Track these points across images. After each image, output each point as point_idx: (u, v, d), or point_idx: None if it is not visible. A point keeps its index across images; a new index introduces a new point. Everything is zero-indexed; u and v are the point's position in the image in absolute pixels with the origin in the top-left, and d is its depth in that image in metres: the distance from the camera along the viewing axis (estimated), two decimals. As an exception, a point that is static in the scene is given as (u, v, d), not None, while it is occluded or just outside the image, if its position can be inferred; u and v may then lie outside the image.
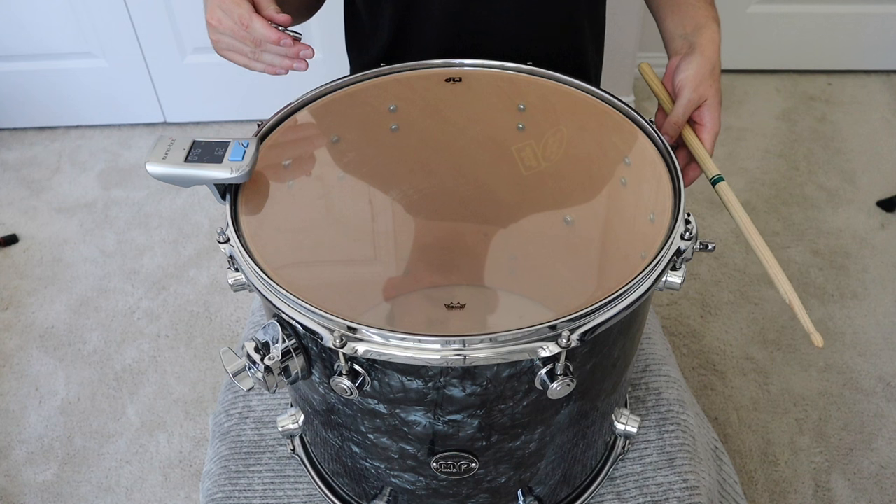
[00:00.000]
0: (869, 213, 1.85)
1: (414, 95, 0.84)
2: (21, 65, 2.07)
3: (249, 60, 0.77)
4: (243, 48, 0.75)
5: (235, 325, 1.67)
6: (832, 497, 1.34)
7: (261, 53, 0.75)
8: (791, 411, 1.46)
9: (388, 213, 0.72)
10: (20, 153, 2.14)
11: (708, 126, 0.79)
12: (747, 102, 2.19)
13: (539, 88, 0.84)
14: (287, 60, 0.75)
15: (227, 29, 0.74)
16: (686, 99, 0.78)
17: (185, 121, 2.20)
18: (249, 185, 0.72)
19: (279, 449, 0.90)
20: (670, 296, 1.66)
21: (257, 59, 0.76)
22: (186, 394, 1.54)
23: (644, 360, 0.96)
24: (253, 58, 0.76)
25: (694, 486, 0.84)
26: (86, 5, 1.93)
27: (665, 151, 0.74)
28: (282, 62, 0.75)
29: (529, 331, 0.58)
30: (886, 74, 2.26)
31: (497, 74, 0.86)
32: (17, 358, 1.62)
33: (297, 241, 0.69)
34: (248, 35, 0.74)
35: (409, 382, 0.61)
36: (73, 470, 1.43)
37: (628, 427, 0.81)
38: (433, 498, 0.75)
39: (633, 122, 0.78)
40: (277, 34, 0.73)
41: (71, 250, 1.85)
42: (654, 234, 0.66)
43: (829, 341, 1.58)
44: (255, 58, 0.76)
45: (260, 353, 0.63)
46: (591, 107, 0.81)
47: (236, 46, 0.76)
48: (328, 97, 0.83)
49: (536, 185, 0.74)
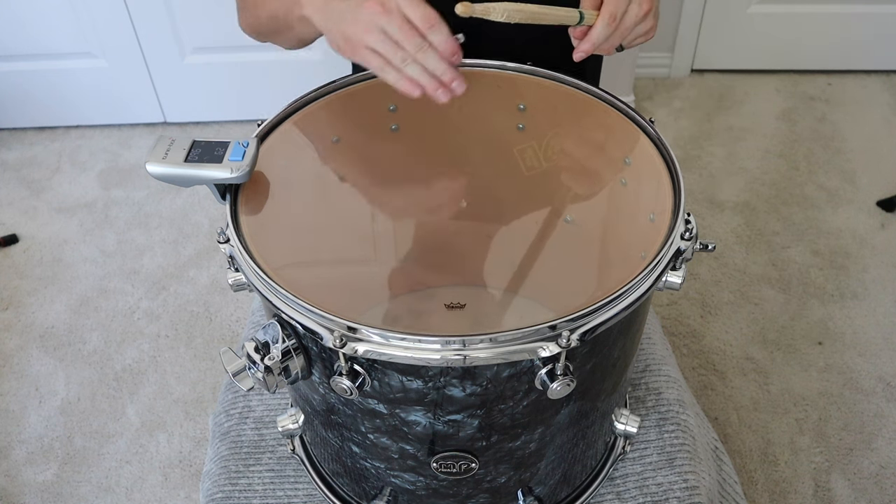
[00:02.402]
0: (869, 213, 1.85)
1: (414, 95, 0.84)
2: (21, 65, 2.07)
3: (392, 68, 0.68)
4: (396, 52, 0.67)
5: (235, 325, 1.67)
6: (832, 497, 1.34)
7: (412, 62, 0.67)
8: (791, 411, 1.46)
9: (388, 213, 0.72)
10: (20, 153, 2.14)
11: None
12: (747, 102, 2.19)
13: (539, 88, 0.84)
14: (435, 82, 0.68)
15: (396, 24, 0.66)
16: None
17: (185, 121, 2.20)
18: (249, 185, 0.72)
19: (279, 449, 0.90)
20: (670, 296, 1.66)
21: (406, 64, 0.67)
22: (186, 394, 1.54)
23: (644, 360, 0.96)
24: (402, 64, 0.68)
25: (694, 486, 0.84)
26: (86, 5, 1.93)
27: (665, 151, 0.74)
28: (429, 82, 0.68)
29: (529, 331, 0.58)
30: (886, 74, 2.26)
31: (497, 74, 0.86)
32: (17, 358, 1.62)
33: (297, 241, 0.69)
34: (421, 37, 0.66)
35: (409, 382, 0.61)
36: (73, 470, 1.43)
37: (628, 427, 0.81)
38: (433, 498, 0.75)
39: (633, 122, 0.78)
40: (455, 48, 0.67)
41: (71, 250, 1.85)
42: (654, 234, 0.66)
43: (829, 341, 1.58)
44: (405, 64, 0.68)
45: (260, 353, 0.63)
46: (591, 107, 0.81)
47: (389, 47, 0.67)
48: (328, 97, 0.83)
49: (536, 185, 0.74)
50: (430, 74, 0.68)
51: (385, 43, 0.67)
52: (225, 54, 2.02)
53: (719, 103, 2.19)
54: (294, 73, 2.02)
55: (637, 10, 0.74)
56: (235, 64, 2.05)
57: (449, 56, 0.67)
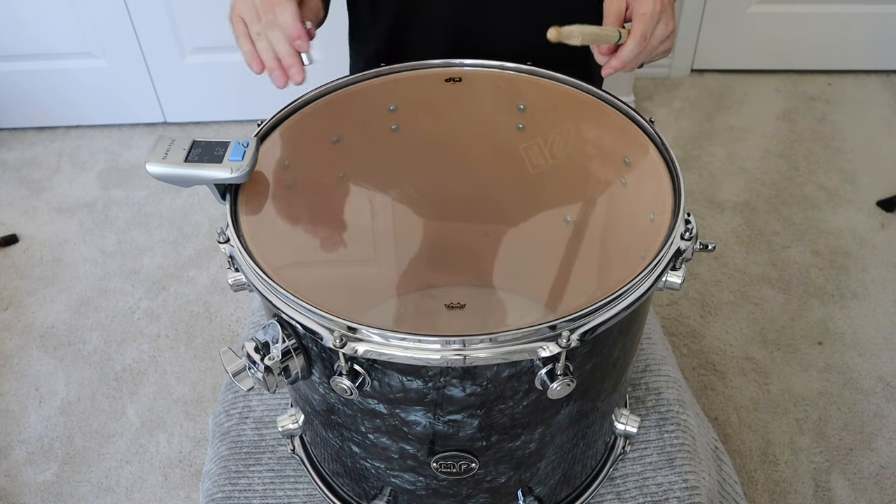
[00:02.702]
0: (869, 213, 1.85)
1: (414, 95, 0.84)
2: (21, 65, 2.07)
3: (248, 38, 0.73)
4: (255, 23, 0.72)
5: (235, 325, 1.67)
6: (832, 497, 1.34)
7: (263, 37, 0.72)
8: (791, 411, 1.46)
9: (388, 213, 0.72)
10: (20, 153, 2.14)
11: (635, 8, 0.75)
12: (747, 102, 2.19)
13: (539, 88, 0.84)
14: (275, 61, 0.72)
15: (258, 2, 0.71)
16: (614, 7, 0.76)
17: (185, 121, 2.20)
18: (249, 185, 0.72)
19: (279, 449, 0.90)
20: (670, 296, 1.66)
21: (259, 39, 0.72)
22: (186, 394, 1.54)
23: (644, 360, 0.96)
24: (256, 37, 0.73)
25: (694, 486, 0.84)
26: (86, 5, 1.93)
27: (665, 151, 0.74)
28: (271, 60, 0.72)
29: (529, 331, 0.58)
30: (886, 74, 2.26)
31: (497, 74, 0.86)
32: (17, 358, 1.62)
33: (297, 241, 0.69)
34: (272, 11, 0.71)
35: (409, 382, 0.61)
36: (73, 470, 1.43)
37: (628, 427, 0.81)
38: (433, 498, 0.75)
39: (633, 122, 0.78)
40: (299, 32, 0.71)
41: (71, 250, 1.85)
42: (654, 234, 0.66)
43: (829, 341, 1.58)
44: (258, 38, 0.72)
45: (260, 353, 0.63)
46: (591, 107, 0.81)
47: (251, 17, 0.72)
48: (328, 97, 0.83)
49: (536, 185, 0.74)
50: (274, 53, 0.72)
51: (249, 12, 0.73)
52: (225, 54, 2.02)
53: (719, 103, 2.19)
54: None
55: (664, 29, 0.76)
56: (235, 64, 2.04)
57: (291, 38, 0.71)
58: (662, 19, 0.76)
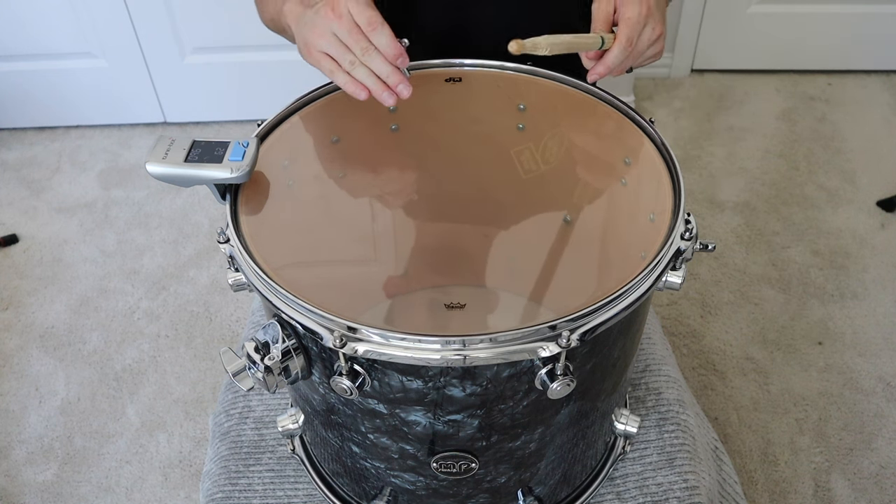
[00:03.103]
0: (869, 213, 1.85)
1: (414, 95, 0.84)
2: (21, 65, 2.07)
3: (342, 71, 0.72)
4: (345, 54, 0.71)
5: (235, 325, 1.67)
6: (832, 497, 1.34)
7: (360, 65, 0.71)
8: (791, 411, 1.46)
9: (388, 213, 0.72)
10: (20, 153, 2.14)
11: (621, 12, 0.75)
12: (747, 102, 2.19)
13: (539, 88, 0.84)
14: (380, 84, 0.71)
15: (345, 27, 0.70)
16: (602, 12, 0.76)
17: (185, 121, 2.20)
18: (249, 185, 0.72)
19: (279, 449, 0.90)
20: (670, 296, 1.66)
21: (355, 67, 0.71)
22: (186, 394, 1.54)
23: (644, 360, 0.96)
24: (350, 67, 0.71)
25: (694, 486, 0.84)
26: (86, 5, 1.93)
27: (665, 151, 0.74)
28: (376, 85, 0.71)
29: (529, 331, 0.58)
30: (886, 74, 2.26)
31: (497, 74, 0.86)
32: (17, 358, 1.62)
33: (297, 241, 0.69)
34: (366, 40, 0.69)
35: (409, 382, 0.61)
36: (73, 470, 1.43)
37: (628, 427, 0.81)
38: (433, 498, 0.75)
39: (633, 122, 0.78)
40: (399, 51, 0.70)
41: (71, 250, 1.85)
42: (654, 234, 0.66)
43: (829, 341, 1.58)
44: (353, 66, 0.71)
45: (260, 353, 0.63)
46: (591, 107, 0.81)
47: (339, 50, 0.71)
48: (328, 97, 0.83)
49: (536, 185, 0.74)
50: (375, 77, 0.72)
51: (335, 46, 0.71)
52: (225, 54, 2.02)
53: (719, 103, 2.19)
54: (294, 73, 2.02)
55: (650, 33, 0.76)
56: (235, 64, 2.05)
57: (393, 58, 0.71)
58: (649, 23, 0.75)
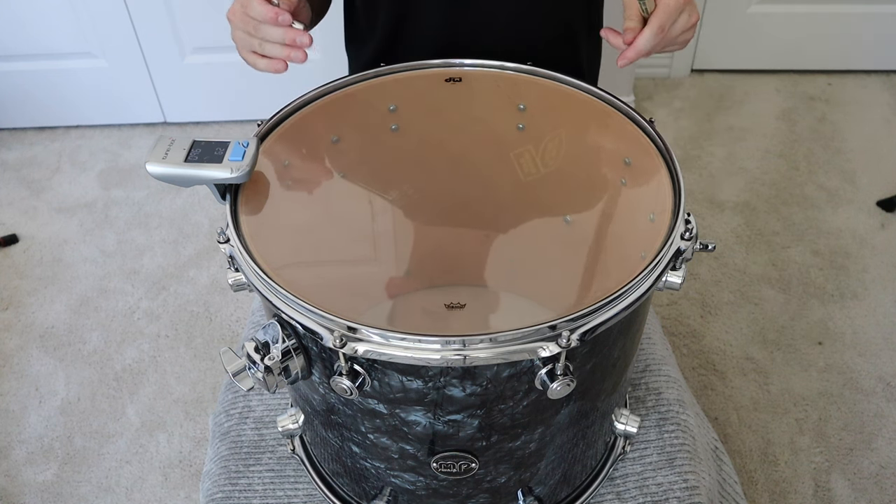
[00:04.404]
0: (869, 213, 1.85)
1: (414, 95, 0.84)
2: (21, 65, 2.07)
3: (257, 57, 0.77)
4: (252, 42, 0.76)
5: (235, 325, 1.67)
6: (832, 497, 1.34)
7: (263, 42, 0.75)
8: (791, 411, 1.46)
9: (388, 213, 0.72)
10: (20, 153, 2.14)
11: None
12: (747, 102, 2.19)
13: (539, 88, 0.84)
14: (285, 49, 0.75)
15: (238, 19, 0.76)
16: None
17: (185, 121, 2.20)
18: (249, 185, 0.72)
19: (279, 449, 0.90)
20: (670, 296, 1.66)
21: (264, 47, 0.76)
22: (186, 394, 1.54)
23: (644, 360, 0.96)
24: (262, 50, 0.76)
25: (694, 486, 0.84)
26: (86, 5, 1.93)
27: (665, 151, 0.74)
28: (280, 51, 0.75)
29: (529, 331, 0.58)
30: (886, 74, 2.26)
31: (497, 74, 0.86)
32: (17, 358, 1.62)
33: (297, 241, 0.69)
34: (250, 19, 0.74)
35: (409, 382, 0.61)
36: (73, 470, 1.43)
37: (628, 427, 0.81)
38: (433, 498, 0.75)
39: (633, 122, 0.78)
40: (274, 11, 0.73)
41: (71, 250, 1.85)
42: (654, 234, 0.66)
43: (829, 341, 1.58)
44: (263, 48, 0.76)
45: (260, 353, 0.63)
46: (591, 107, 0.81)
47: (247, 41, 0.76)
48: (328, 97, 0.83)
49: (536, 185, 0.74)
50: (280, 45, 0.75)
51: (241, 38, 0.77)
52: (225, 54, 2.02)
53: (719, 103, 2.19)
54: (294, 73, 2.02)
55: (686, 20, 0.76)
56: (235, 64, 2.03)
57: (273, 21, 0.74)
58: (686, 10, 0.76)
